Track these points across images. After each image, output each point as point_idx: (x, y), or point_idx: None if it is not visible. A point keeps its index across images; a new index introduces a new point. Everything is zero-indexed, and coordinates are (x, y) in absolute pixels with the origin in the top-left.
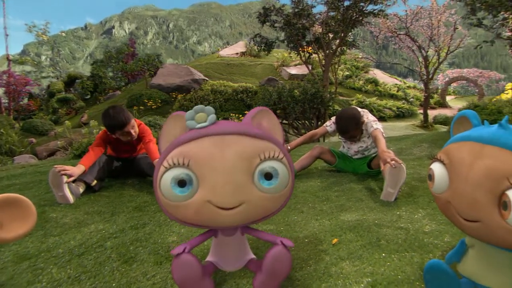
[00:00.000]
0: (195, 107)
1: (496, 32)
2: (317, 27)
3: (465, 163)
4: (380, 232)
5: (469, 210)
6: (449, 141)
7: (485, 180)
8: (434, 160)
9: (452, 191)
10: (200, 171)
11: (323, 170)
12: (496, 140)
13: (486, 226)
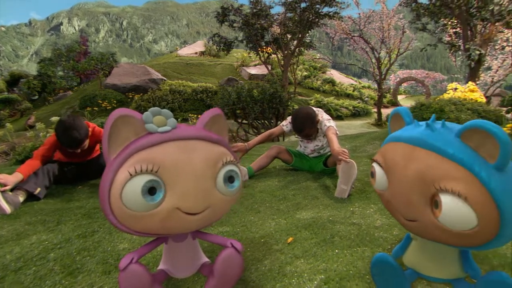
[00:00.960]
0: (151, 109)
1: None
2: (276, 27)
3: (399, 166)
4: (334, 228)
5: (406, 210)
6: (385, 140)
7: (417, 183)
8: (373, 161)
9: (391, 192)
10: (168, 178)
11: (281, 169)
12: (425, 143)
13: (422, 225)
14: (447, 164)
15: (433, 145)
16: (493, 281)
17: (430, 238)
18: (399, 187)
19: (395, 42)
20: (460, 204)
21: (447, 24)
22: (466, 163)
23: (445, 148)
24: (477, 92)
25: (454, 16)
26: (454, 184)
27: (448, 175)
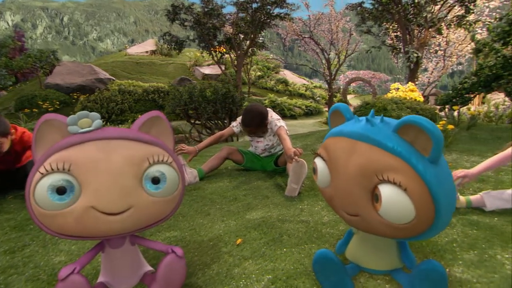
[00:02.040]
0: (78, 113)
1: (381, 40)
2: (228, 27)
3: (341, 160)
4: (283, 227)
5: (349, 205)
6: (327, 135)
7: (359, 177)
8: (316, 155)
9: (334, 187)
10: (82, 176)
11: (233, 169)
12: (365, 137)
13: (364, 219)
14: (387, 157)
15: (373, 139)
16: (426, 270)
17: (372, 232)
18: (342, 181)
19: (343, 44)
20: (400, 195)
21: (389, 28)
22: (404, 156)
23: (385, 142)
24: (416, 91)
25: (395, 21)
26: (395, 175)
27: (389, 167)
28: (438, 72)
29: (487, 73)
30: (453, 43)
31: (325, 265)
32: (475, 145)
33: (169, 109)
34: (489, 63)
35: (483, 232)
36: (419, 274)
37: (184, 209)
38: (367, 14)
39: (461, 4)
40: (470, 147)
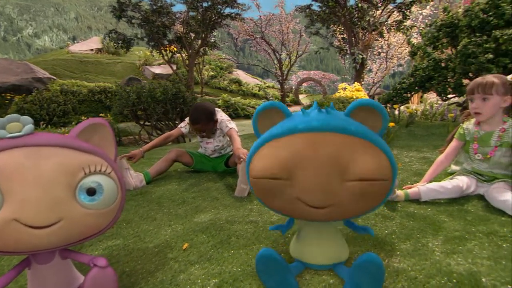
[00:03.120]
0: (8, 116)
1: (329, 41)
2: (178, 26)
3: (308, 156)
4: (231, 229)
5: (324, 197)
6: (266, 139)
7: (332, 165)
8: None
9: (301, 185)
10: (5, 185)
11: (182, 172)
12: (328, 126)
13: (339, 205)
14: (352, 139)
15: (336, 127)
16: (364, 262)
17: (346, 216)
18: (313, 176)
19: (293, 44)
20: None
21: (336, 30)
22: (367, 136)
23: (348, 127)
24: (361, 91)
25: (341, 23)
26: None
27: (359, 149)
28: (382, 72)
29: (421, 74)
30: (393, 46)
31: (267, 264)
32: (413, 141)
33: (117, 110)
34: (423, 65)
35: (418, 223)
36: (357, 267)
37: (128, 215)
38: (315, 16)
39: (399, 10)
40: (409, 143)
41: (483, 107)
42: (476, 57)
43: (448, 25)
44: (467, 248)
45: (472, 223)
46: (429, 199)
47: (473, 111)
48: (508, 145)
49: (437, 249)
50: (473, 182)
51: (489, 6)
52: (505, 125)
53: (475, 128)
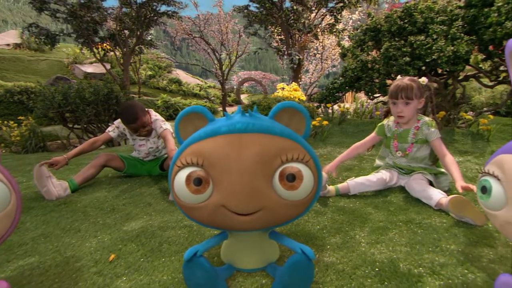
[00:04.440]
0: None
1: (267, 42)
2: (111, 22)
3: (230, 158)
4: (164, 235)
5: (251, 201)
6: (191, 142)
7: (258, 166)
8: (188, 165)
9: (226, 192)
10: None
11: (114, 177)
12: (253, 127)
13: (268, 210)
14: (279, 140)
15: (261, 128)
16: (293, 260)
17: (274, 222)
18: (239, 178)
19: (233, 44)
20: (307, 170)
21: (274, 31)
22: (292, 137)
23: (272, 127)
24: (299, 91)
25: (278, 25)
26: (295, 154)
27: (285, 148)
28: (318, 73)
29: (350, 75)
30: (328, 47)
31: (193, 270)
32: (345, 138)
33: (40, 112)
34: (352, 66)
35: (348, 216)
36: (287, 265)
37: (48, 228)
38: (253, 17)
39: (331, 14)
40: (341, 139)
41: (406, 111)
42: (396, 60)
43: (372, 30)
44: (389, 237)
45: (394, 213)
46: (358, 192)
47: (397, 114)
48: (422, 141)
49: (363, 241)
50: (394, 175)
51: (404, 14)
52: (418, 123)
53: (394, 127)
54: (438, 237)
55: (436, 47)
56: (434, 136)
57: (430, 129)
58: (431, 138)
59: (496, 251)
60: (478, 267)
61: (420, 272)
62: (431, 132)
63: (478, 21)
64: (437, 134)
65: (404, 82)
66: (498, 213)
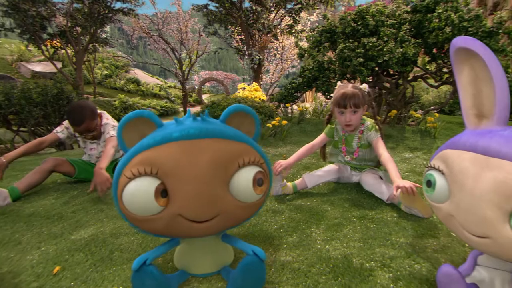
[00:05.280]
0: None
1: (228, 42)
2: (61, 18)
3: (185, 165)
4: (116, 242)
5: (209, 209)
6: (139, 148)
7: (216, 171)
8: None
9: (182, 200)
10: None
11: (63, 183)
12: (207, 133)
13: (226, 214)
14: (233, 144)
15: (214, 132)
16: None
17: (231, 224)
18: (195, 185)
19: (193, 44)
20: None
21: (234, 31)
22: (245, 140)
23: (225, 131)
24: (259, 91)
25: (238, 24)
26: (251, 157)
27: (241, 152)
28: (278, 73)
29: (308, 75)
30: (287, 48)
31: (142, 279)
32: (304, 137)
33: None
34: (309, 67)
35: (304, 215)
36: (239, 267)
37: None
38: (212, 16)
39: (290, 15)
40: (300, 138)
41: (354, 120)
42: (351, 60)
43: (328, 31)
44: (343, 233)
45: (349, 209)
46: (315, 185)
47: (345, 123)
48: (366, 146)
49: (319, 238)
50: (347, 167)
51: (357, 17)
52: (362, 127)
53: (342, 132)
54: (389, 231)
55: (386, 49)
56: (373, 137)
57: (369, 132)
58: (371, 140)
59: (439, 241)
60: (424, 257)
61: (372, 266)
62: (370, 135)
63: (423, 25)
64: (375, 136)
65: (350, 90)
66: (441, 205)
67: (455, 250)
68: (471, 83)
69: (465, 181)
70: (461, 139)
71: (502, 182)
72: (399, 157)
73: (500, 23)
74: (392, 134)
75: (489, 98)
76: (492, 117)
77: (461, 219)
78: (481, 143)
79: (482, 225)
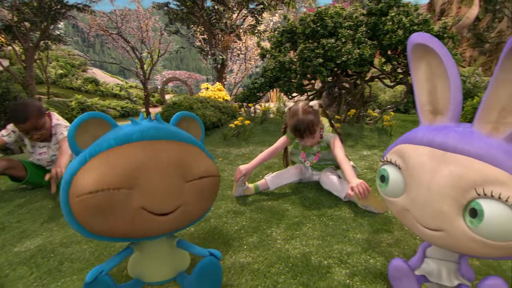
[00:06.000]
0: None
1: (190, 41)
2: (6, 12)
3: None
4: (66, 252)
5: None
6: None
7: (175, 169)
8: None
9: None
10: None
11: (9, 190)
12: (167, 134)
13: (184, 210)
14: (185, 145)
15: (171, 135)
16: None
17: (191, 218)
18: (158, 180)
19: (155, 43)
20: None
21: (197, 30)
22: (195, 142)
23: (180, 134)
24: (223, 91)
25: (200, 24)
26: (200, 161)
27: (192, 153)
28: (242, 73)
29: (269, 75)
30: (251, 48)
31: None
32: (266, 136)
33: None
34: (270, 67)
35: (265, 214)
36: (195, 271)
37: None
38: (174, 15)
39: (252, 15)
40: (263, 138)
41: (313, 140)
42: (311, 61)
43: (289, 32)
44: (303, 231)
45: (309, 208)
46: (277, 187)
47: (304, 145)
48: (326, 148)
49: (279, 237)
50: (308, 168)
51: (316, 18)
52: (321, 131)
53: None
54: (346, 227)
55: (345, 49)
56: (330, 139)
57: (327, 134)
58: (329, 141)
59: (393, 235)
60: (378, 252)
61: (330, 263)
62: (327, 137)
63: (378, 28)
64: (332, 137)
65: (302, 119)
66: (396, 200)
67: (407, 243)
68: (427, 79)
69: (422, 176)
70: (417, 134)
71: (459, 176)
72: (357, 155)
73: (444, 28)
74: (351, 132)
75: (444, 95)
76: (447, 113)
77: (416, 213)
78: (438, 139)
79: (437, 219)
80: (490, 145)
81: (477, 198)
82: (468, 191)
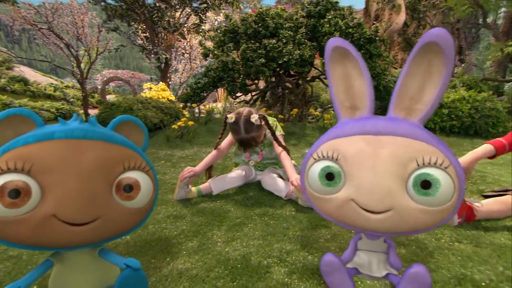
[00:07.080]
0: None
1: (131, 39)
2: None
3: (67, 161)
4: None
5: (87, 208)
6: (14, 143)
7: (99, 171)
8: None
9: (54, 200)
10: None
11: None
12: (93, 134)
13: (106, 220)
14: (120, 148)
15: (101, 136)
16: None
17: (113, 232)
18: (75, 184)
19: (92, 40)
20: (147, 179)
21: (138, 28)
22: (133, 147)
23: (113, 136)
24: (167, 91)
25: (142, 21)
26: (137, 162)
27: (127, 156)
28: (187, 73)
29: (213, 75)
30: (195, 47)
31: None
32: (211, 137)
33: None
34: (213, 66)
35: (207, 217)
36: (116, 285)
37: None
38: (112, 11)
39: (196, 14)
40: (208, 139)
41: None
42: (254, 61)
43: (231, 31)
44: (244, 232)
45: (251, 208)
46: (220, 191)
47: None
48: (269, 145)
49: (220, 240)
50: (252, 169)
51: (258, 19)
52: (264, 131)
53: None
54: (287, 225)
55: (286, 50)
56: (272, 137)
57: (268, 133)
58: (271, 138)
59: (331, 230)
60: (316, 248)
61: (269, 263)
62: (269, 134)
63: (317, 30)
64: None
65: (246, 138)
66: (336, 195)
67: (344, 238)
68: (344, 79)
69: (364, 161)
70: (345, 128)
71: (397, 153)
72: (300, 153)
73: (376, 31)
74: (294, 131)
75: (361, 92)
76: (365, 108)
77: (363, 198)
78: (369, 126)
79: (386, 198)
80: (412, 126)
81: (419, 168)
82: (408, 164)
